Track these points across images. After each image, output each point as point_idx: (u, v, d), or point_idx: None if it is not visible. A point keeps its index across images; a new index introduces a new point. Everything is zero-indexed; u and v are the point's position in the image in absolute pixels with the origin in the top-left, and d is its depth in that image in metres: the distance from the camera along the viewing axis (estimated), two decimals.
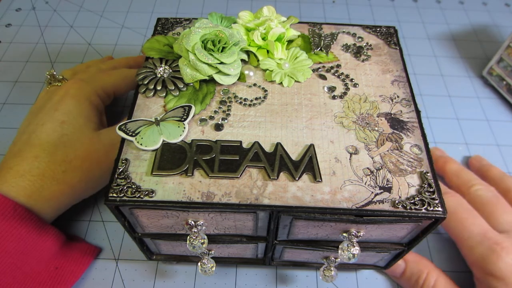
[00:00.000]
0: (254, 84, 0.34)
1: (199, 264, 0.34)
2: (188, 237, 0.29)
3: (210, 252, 0.34)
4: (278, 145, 0.30)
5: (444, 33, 0.64)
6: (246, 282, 0.39)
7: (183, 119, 0.31)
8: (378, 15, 0.66)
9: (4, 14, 0.64)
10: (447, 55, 0.61)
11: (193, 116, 0.32)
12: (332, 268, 0.34)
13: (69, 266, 0.37)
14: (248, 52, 0.36)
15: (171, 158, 0.29)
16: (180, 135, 0.30)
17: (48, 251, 0.36)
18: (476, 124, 0.52)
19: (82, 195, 0.39)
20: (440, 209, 0.27)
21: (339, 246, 0.30)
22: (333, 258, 0.34)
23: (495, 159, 0.49)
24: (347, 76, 0.35)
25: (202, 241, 0.29)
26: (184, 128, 0.30)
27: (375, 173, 0.29)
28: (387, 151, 0.30)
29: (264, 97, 0.33)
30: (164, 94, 0.33)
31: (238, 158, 0.29)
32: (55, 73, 0.43)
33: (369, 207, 0.27)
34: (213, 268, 0.34)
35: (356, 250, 0.29)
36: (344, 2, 0.69)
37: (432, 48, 0.62)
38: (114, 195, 0.27)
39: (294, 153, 0.30)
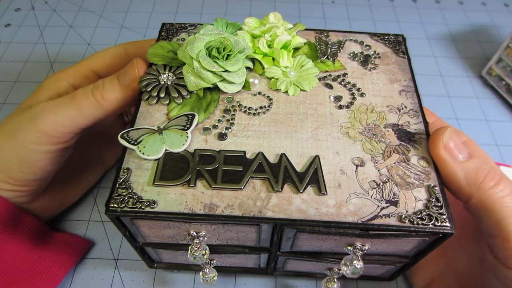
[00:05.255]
0: (259, 93, 0.33)
1: (200, 273, 0.33)
2: (190, 247, 0.29)
3: (212, 262, 0.34)
4: (282, 156, 0.29)
5: (443, 33, 0.64)
6: None
7: (186, 128, 0.30)
8: (377, 15, 0.66)
9: (3, 14, 0.64)
10: (446, 55, 0.60)
11: (197, 124, 0.31)
12: (335, 280, 0.33)
13: (53, 256, 0.37)
14: (253, 60, 0.35)
15: (174, 168, 0.28)
16: (183, 144, 0.29)
17: (27, 240, 0.36)
18: (475, 124, 0.52)
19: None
20: (448, 224, 0.26)
21: (342, 262, 0.29)
22: (336, 270, 0.33)
23: (495, 159, 0.48)
24: (354, 85, 0.34)
25: (204, 252, 0.29)
26: (187, 137, 0.30)
27: (381, 186, 0.28)
28: (394, 163, 0.29)
29: (269, 106, 0.33)
30: (168, 102, 0.32)
31: (241, 169, 0.29)
32: None
33: (375, 222, 0.27)
34: (215, 278, 0.34)
35: (359, 264, 0.28)
36: (344, 2, 0.68)
37: (431, 48, 0.61)
38: (115, 205, 0.27)
39: (299, 164, 0.29)
